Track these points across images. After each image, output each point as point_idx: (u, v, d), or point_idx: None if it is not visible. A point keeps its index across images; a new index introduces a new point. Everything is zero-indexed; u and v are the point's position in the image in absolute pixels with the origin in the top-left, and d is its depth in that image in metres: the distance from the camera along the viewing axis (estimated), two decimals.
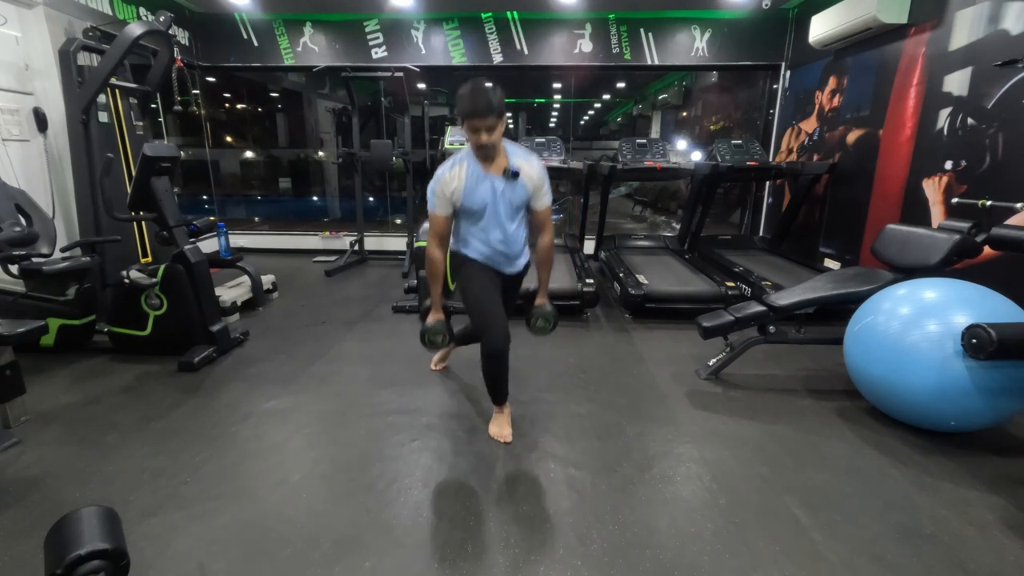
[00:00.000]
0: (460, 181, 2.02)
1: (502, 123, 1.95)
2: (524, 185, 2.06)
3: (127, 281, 2.96)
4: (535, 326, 2.27)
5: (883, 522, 1.77)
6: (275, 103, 8.85)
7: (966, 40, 3.28)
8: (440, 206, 2.07)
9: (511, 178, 2.02)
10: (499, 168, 2.03)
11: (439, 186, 2.04)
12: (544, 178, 2.11)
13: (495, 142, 1.97)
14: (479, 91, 1.89)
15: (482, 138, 1.93)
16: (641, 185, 9.53)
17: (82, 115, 3.34)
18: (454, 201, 2.05)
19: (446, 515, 1.79)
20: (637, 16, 5.49)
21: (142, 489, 1.91)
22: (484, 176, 2.03)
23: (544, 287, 2.29)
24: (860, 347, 2.41)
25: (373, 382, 2.83)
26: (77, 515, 1.19)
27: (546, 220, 2.17)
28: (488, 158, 2.02)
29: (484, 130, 1.92)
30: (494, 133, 1.94)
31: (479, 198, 2.04)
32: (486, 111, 1.89)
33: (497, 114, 1.91)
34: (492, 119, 1.91)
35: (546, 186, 2.12)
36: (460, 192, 2.03)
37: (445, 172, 2.04)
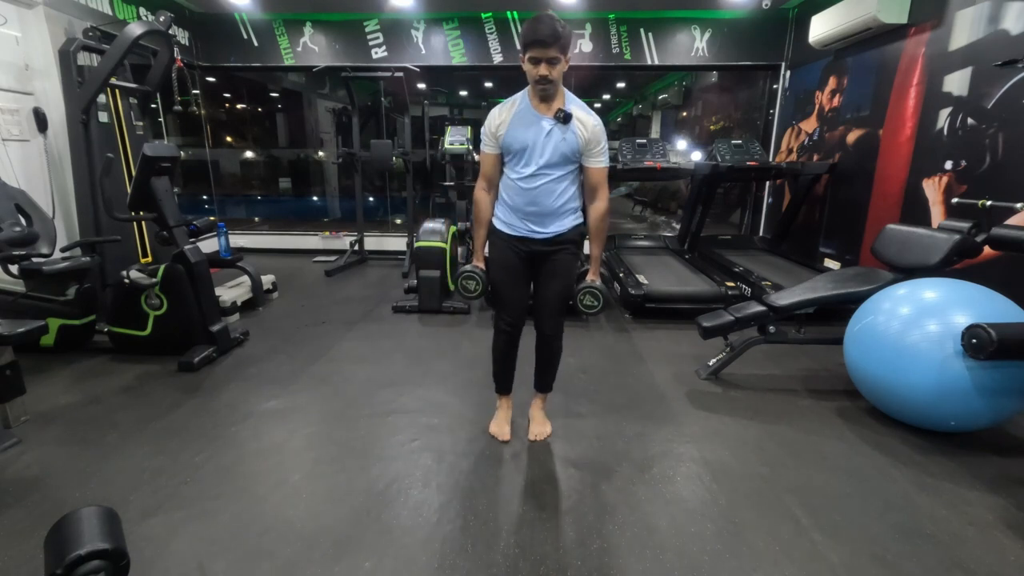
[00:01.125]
0: (508, 115, 1.94)
1: (565, 61, 1.82)
2: (576, 132, 1.90)
3: (127, 281, 2.96)
4: (582, 303, 2.12)
5: (883, 522, 1.77)
6: (275, 103, 8.86)
7: (966, 40, 3.28)
8: (487, 143, 2.00)
9: (562, 120, 1.88)
10: (552, 110, 1.90)
11: (488, 121, 1.98)
12: (602, 134, 1.94)
13: (555, 78, 1.82)
14: (544, 19, 1.76)
15: (542, 70, 1.79)
16: (641, 185, 9.53)
17: (82, 115, 3.34)
18: (498, 136, 1.96)
19: (446, 515, 1.79)
20: (637, 16, 5.49)
21: (142, 489, 1.91)
22: (533, 114, 1.91)
23: (596, 262, 2.12)
24: (860, 347, 2.41)
25: (373, 382, 2.83)
26: (77, 515, 1.19)
27: (601, 183, 1.99)
28: (545, 97, 1.89)
29: (545, 62, 1.79)
30: (555, 68, 1.80)
31: (522, 137, 1.92)
32: (551, 40, 1.75)
33: (561, 48, 1.78)
34: (555, 51, 1.77)
35: (603, 144, 1.95)
36: (505, 126, 1.94)
37: (496, 109, 1.98)
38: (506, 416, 2.31)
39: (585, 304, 2.12)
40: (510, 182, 2.01)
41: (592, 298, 2.11)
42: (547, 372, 2.26)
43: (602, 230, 2.06)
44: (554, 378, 2.29)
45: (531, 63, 1.82)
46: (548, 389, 2.32)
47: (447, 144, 5.12)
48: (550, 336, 2.15)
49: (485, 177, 2.06)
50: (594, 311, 2.14)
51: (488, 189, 2.07)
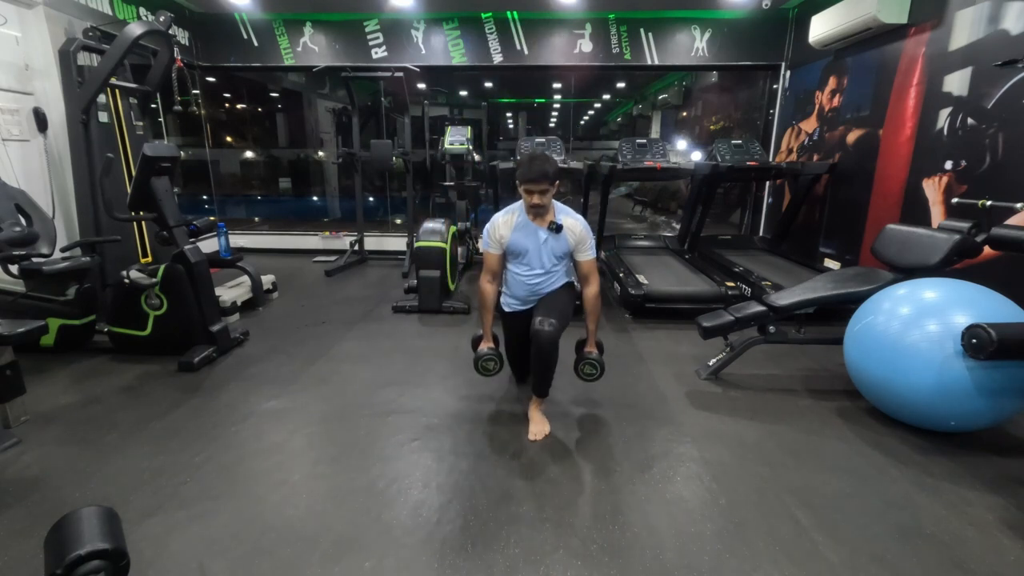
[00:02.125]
0: (508, 228, 2.31)
1: (554, 188, 2.22)
2: (566, 238, 2.30)
3: (127, 281, 2.96)
4: (583, 371, 2.40)
5: (883, 522, 1.77)
6: (275, 103, 8.86)
7: (966, 40, 3.28)
8: (491, 245, 2.35)
9: (555, 231, 2.26)
10: (546, 222, 2.28)
11: (491, 228, 2.34)
12: (588, 235, 2.32)
13: (546, 204, 2.23)
14: (538, 160, 2.17)
15: (535, 200, 2.20)
16: (641, 185, 9.53)
17: (82, 115, 3.34)
18: (502, 243, 2.33)
19: (446, 515, 1.79)
20: (637, 16, 5.49)
21: (142, 489, 1.91)
22: (531, 226, 2.30)
23: (592, 336, 2.41)
24: (860, 347, 2.41)
25: (373, 382, 2.83)
26: (77, 515, 1.19)
27: (591, 272, 2.34)
28: (538, 215, 2.29)
29: (538, 193, 2.18)
30: (546, 196, 2.21)
31: (522, 244, 2.31)
32: (542, 179, 2.16)
33: (550, 182, 2.18)
34: (546, 185, 2.17)
35: (590, 242, 2.32)
36: (507, 237, 2.31)
37: (499, 218, 2.34)
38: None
39: (585, 373, 2.40)
40: (515, 276, 2.40)
41: (591, 367, 2.38)
42: (543, 379, 2.33)
43: (596, 308, 2.38)
44: (550, 384, 2.35)
45: (527, 193, 2.21)
46: (544, 394, 2.37)
47: (447, 144, 5.12)
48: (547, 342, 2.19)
49: (489, 271, 2.39)
50: (593, 379, 2.42)
51: (492, 281, 2.40)
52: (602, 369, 2.38)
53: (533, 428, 2.31)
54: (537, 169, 2.16)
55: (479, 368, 2.39)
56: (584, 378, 2.42)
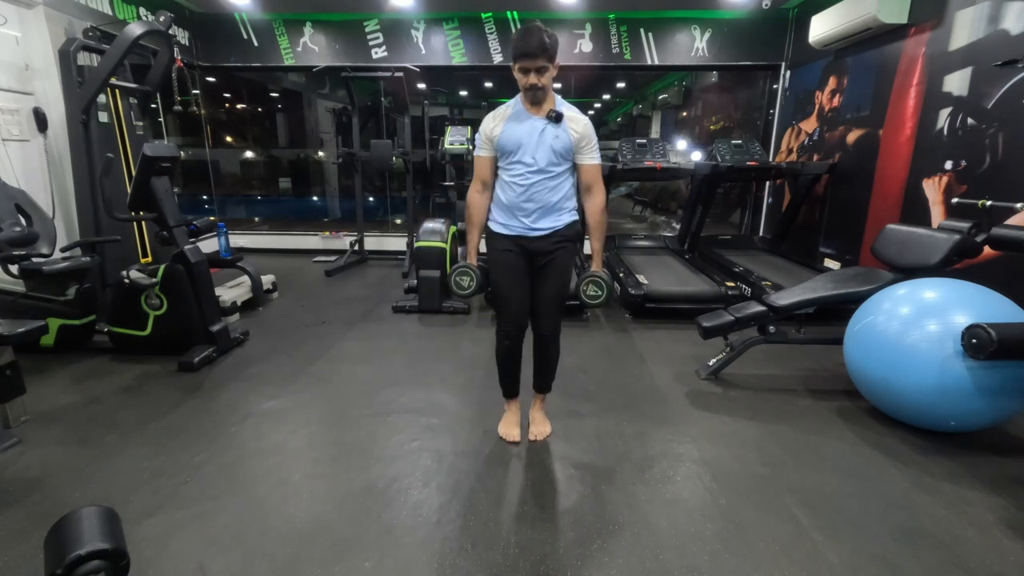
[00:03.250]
0: (501, 119, 2.02)
1: (553, 68, 1.93)
2: (567, 131, 1.98)
3: (127, 281, 2.96)
4: (586, 293, 2.11)
5: (883, 522, 1.77)
6: (275, 103, 8.86)
7: (966, 40, 3.28)
8: (483, 146, 2.07)
9: (554, 120, 1.96)
10: (544, 112, 1.99)
11: (483, 125, 2.06)
12: (592, 133, 2.02)
13: (544, 85, 1.93)
14: (532, 31, 1.86)
15: (531, 79, 1.90)
16: (641, 185, 9.53)
17: (82, 115, 3.34)
18: (493, 137, 2.03)
19: (446, 515, 1.79)
20: (637, 16, 5.49)
21: (142, 489, 1.91)
22: (527, 116, 2.00)
23: (598, 254, 2.16)
24: (860, 347, 2.41)
25: (373, 382, 2.83)
26: (77, 515, 1.19)
27: (595, 180, 2.07)
28: (536, 102, 1.98)
29: (534, 71, 1.89)
30: (544, 76, 1.91)
31: (516, 136, 1.99)
32: (539, 52, 1.86)
33: (548, 57, 1.89)
34: (543, 61, 1.88)
35: (594, 142, 2.03)
36: (500, 128, 2.01)
37: (490, 114, 2.06)
38: (515, 418, 2.31)
39: (589, 294, 2.11)
40: (506, 181, 2.05)
41: (596, 287, 2.10)
42: (546, 373, 2.28)
43: (600, 223, 2.11)
44: (553, 379, 2.30)
45: (521, 72, 1.92)
46: (547, 390, 2.33)
47: (447, 144, 5.12)
48: (548, 337, 2.16)
49: (479, 179, 2.11)
50: (598, 300, 2.12)
51: (482, 191, 2.11)
52: (608, 290, 2.09)
53: (534, 428, 2.30)
54: (534, 41, 1.85)
55: (452, 283, 2.15)
56: (588, 300, 2.12)
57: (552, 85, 1.99)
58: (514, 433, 2.26)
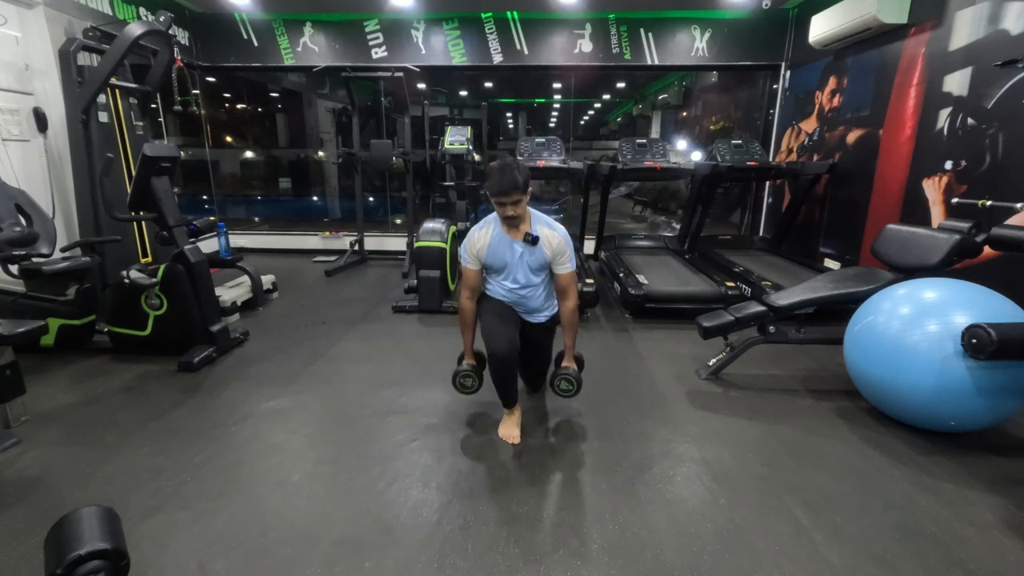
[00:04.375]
0: (485, 242, 2.24)
1: (526, 197, 2.13)
2: (543, 250, 2.21)
3: (127, 281, 2.96)
4: (558, 387, 2.33)
5: (883, 522, 1.77)
6: (275, 103, 8.85)
7: (966, 40, 3.28)
8: (469, 261, 2.28)
9: (531, 243, 2.19)
10: (522, 234, 2.20)
11: (468, 244, 2.27)
12: (566, 246, 2.23)
13: (520, 214, 2.14)
14: (507, 171, 2.07)
15: (508, 211, 2.12)
16: (641, 185, 9.53)
17: (82, 115, 3.34)
18: (480, 258, 2.26)
19: (446, 515, 1.79)
20: (637, 16, 5.49)
21: (142, 489, 1.91)
22: (506, 240, 2.22)
23: (570, 351, 2.35)
24: (860, 347, 2.41)
25: (373, 382, 2.83)
26: (77, 515, 1.19)
27: (569, 285, 2.27)
28: (513, 227, 2.21)
29: (510, 205, 2.10)
30: (519, 206, 2.12)
31: (500, 258, 2.23)
32: (512, 190, 2.07)
33: (522, 191, 2.09)
34: (518, 195, 2.09)
35: (569, 253, 2.23)
36: (484, 251, 2.24)
37: (475, 233, 2.27)
38: (514, 421, 2.34)
39: (561, 388, 2.32)
40: (496, 286, 2.33)
41: (567, 383, 2.31)
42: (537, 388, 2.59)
43: (572, 324, 2.31)
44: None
45: (499, 206, 2.13)
46: None
47: (447, 144, 5.12)
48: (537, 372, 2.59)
49: (468, 287, 2.32)
50: (569, 395, 2.33)
51: (472, 298, 2.33)
52: (578, 386, 2.30)
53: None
54: (508, 181, 2.06)
55: (456, 385, 2.35)
56: (560, 393, 2.33)
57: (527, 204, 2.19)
58: (514, 434, 2.28)
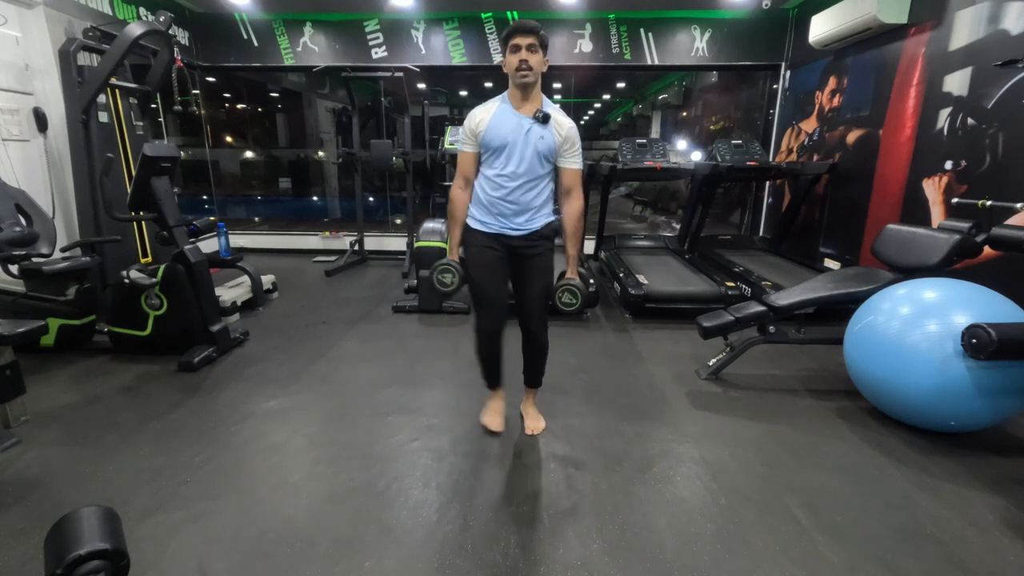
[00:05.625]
0: (487, 115, 1.99)
1: (543, 57, 1.92)
2: (553, 132, 1.97)
3: (127, 281, 2.96)
4: (560, 300, 2.10)
5: (883, 522, 1.77)
6: (275, 103, 8.85)
7: (966, 40, 3.28)
8: (467, 141, 2.05)
9: (541, 120, 1.94)
10: (532, 110, 1.96)
11: (468, 120, 2.03)
12: (577, 136, 2.01)
13: (534, 67, 1.89)
14: (525, 19, 1.92)
15: (522, 56, 1.87)
16: (641, 185, 9.53)
17: (82, 115, 3.34)
18: (478, 133, 2.00)
19: (446, 515, 1.79)
20: (637, 16, 5.49)
21: (142, 489, 1.91)
22: (513, 113, 1.97)
23: (573, 260, 2.13)
24: (860, 347, 2.41)
25: (373, 382, 2.83)
26: (77, 515, 1.19)
27: (575, 183, 2.06)
28: (525, 89, 1.94)
29: (525, 48, 1.87)
30: (534, 56, 1.89)
31: (502, 134, 1.97)
32: (529, 30, 1.87)
33: (541, 41, 1.88)
34: (534, 39, 1.87)
35: (578, 145, 2.02)
36: (485, 124, 1.98)
37: (476, 110, 2.03)
38: (498, 407, 2.32)
39: (564, 301, 2.10)
40: (487, 179, 2.04)
41: (570, 295, 2.08)
42: (536, 368, 2.29)
43: (578, 229, 2.09)
44: (543, 372, 2.32)
45: (512, 52, 1.89)
46: (538, 384, 2.35)
47: (447, 144, 5.11)
48: (536, 332, 2.17)
49: (462, 175, 2.10)
50: (572, 308, 2.11)
51: (465, 187, 2.11)
52: (583, 298, 2.08)
53: (529, 424, 2.32)
54: (527, 23, 1.88)
55: (435, 280, 2.12)
56: (563, 307, 2.10)
57: (540, 81, 1.97)
58: (496, 422, 2.26)
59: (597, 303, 3.95)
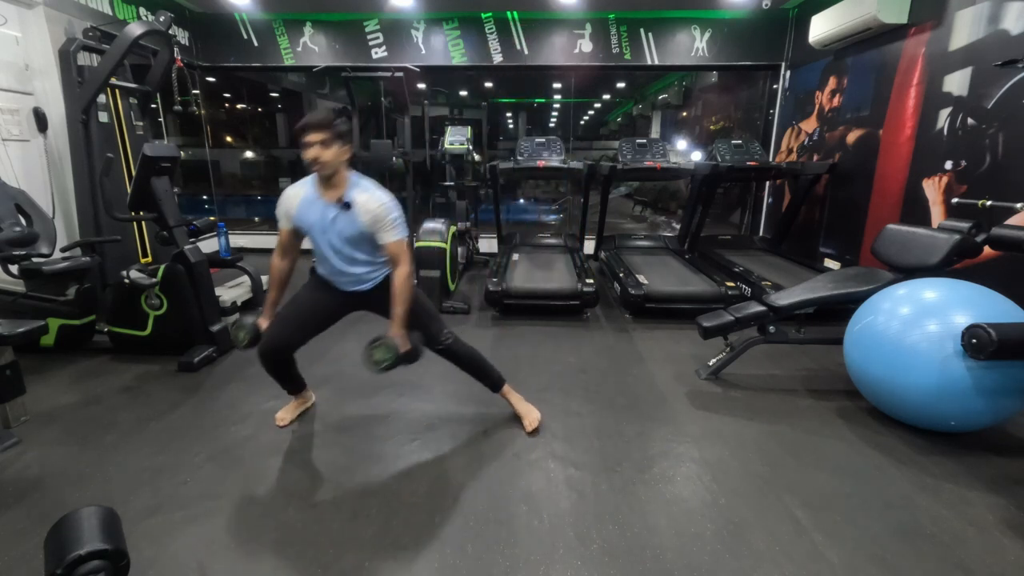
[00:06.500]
0: (296, 200, 2.03)
1: (339, 148, 1.90)
2: (358, 217, 1.95)
3: (127, 281, 2.96)
4: (370, 355, 1.97)
5: (883, 522, 1.77)
6: (275, 103, 8.85)
7: (966, 40, 3.28)
8: (280, 218, 2.10)
9: (343, 208, 1.96)
10: (336, 197, 1.97)
11: (281, 199, 2.08)
12: (387, 213, 1.95)
13: (327, 161, 1.89)
14: (317, 110, 1.91)
15: (310, 153, 1.87)
16: (641, 185, 9.53)
17: (82, 115, 3.34)
18: (290, 216, 2.06)
19: (446, 515, 1.79)
20: (637, 16, 5.49)
21: (142, 489, 1.91)
22: (320, 201, 1.99)
23: (397, 319, 2.04)
24: (860, 347, 2.41)
25: (373, 382, 2.82)
26: (77, 515, 1.19)
27: (397, 254, 2.01)
28: (324, 180, 1.96)
29: (317, 144, 1.86)
30: (326, 151, 1.87)
31: (308, 221, 2.03)
32: (317, 126, 1.85)
33: (332, 133, 1.87)
34: (324, 134, 1.86)
35: (391, 219, 1.96)
36: (294, 209, 2.04)
37: (289, 189, 2.07)
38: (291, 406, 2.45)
39: (375, 359, 1.96)
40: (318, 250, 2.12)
41: (382, 352, 1.96)
42: (480, 375, 2.36)
43: (403, 291, 2.03)
44: (492, 373, 2.37)
45: (305, 147, 1.88)
46: (502, 382, 2.39)
47: (447, 144, 5.12)
48: (440, 350, 2.25)
49: (279, 245, 2.19)
50: (382, 366, 1.96)
51: (282, 257, 2.20)
52: (397, 357, 1.94)
53: (526, 421, 2.34)
54: (315, 115, 1.85)
55: (231, 333, 2.19)
56: (370, 365, 1.97)
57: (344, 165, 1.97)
58: (280, 416, 2.40)
59: (597, 303, 3.94)
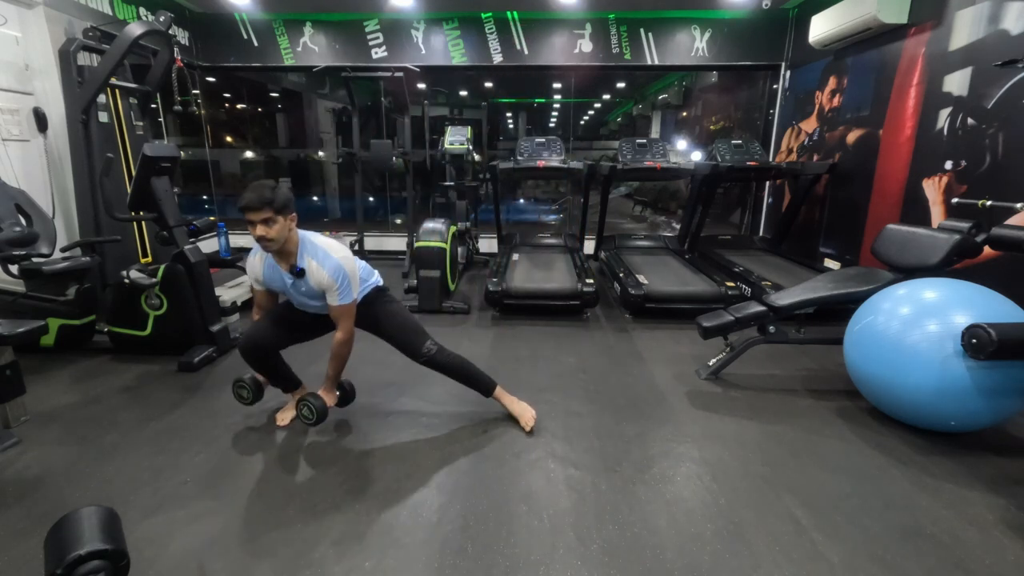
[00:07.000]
0: (260, 267, 2.16)
1: (283, 221, 1.96)
2: (309, 282, 2.08)
3: (127, 281, 2.96)
4: (299, 412, 2.25)
5: (883, 522, 1.77)
6: (275, 103, 8.85)
7: (966, 40, 3.28)
8: (252, 282, 2.26)
9: (297, 275, 2.08)
10: (287, 265, 2.09)
11: (247, 266, 2.21)
12: (334, 280, 2.04)
13: (274, 238, 1.95)
14: (258, 185, 1.92)
15: (257, 231, 1.93)
16: (641, 185, 9.53)
17: (82, 115, 3.34)
18: (260, 281, 2.20)
19: (446, 515, 1.79)
20: (637, 16, 5.49)
21: (142, 489, 1.91)
22: (276, 268, 2.13)
23: (328, 379, 2.25)
24: (860, 347, 2.41)
25: (373, 382, 2.82)
26: (77, 515, 1.19)
27: (339, 317, 2.13)
28: (276, 254, 2.07)
29: (260, 224, 1.92)
30: (272, 228, 1.93)
31: (275, 284, 2.19)
32: (259, 205, 1.89)
33: (274, 209, 1.92)
34: (267, 212, 1.91)
35: (338, 286, 2.05)
36: (260, 276, 2.18)
37: (251, 256, 2.19)
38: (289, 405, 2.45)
39: (303, 414, 2.23)
40: None
41: (308, 411, 2.20)
42: (470, 381, 2.39)
43: (338, 355, 2.20)
44: (482, 378, 2.39)
45: (250, 225, 1.94)
46: (493, 386, 2.40)
47: (447, 144, 5.12)
48: (427, 360, 2.30)
49: (257, 305, 2.33)
50: (309, 423, 2.22)
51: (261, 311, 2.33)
52: (319, 417, 2.18)
53: (523, 421, 2.34)
54: (255, 194, 1.88)
55: (234, 392, 2.37)
56: (301, 419, 2.26)
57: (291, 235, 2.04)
58: (279, 416, 2.40)
59: (597, 303, 3.95)
